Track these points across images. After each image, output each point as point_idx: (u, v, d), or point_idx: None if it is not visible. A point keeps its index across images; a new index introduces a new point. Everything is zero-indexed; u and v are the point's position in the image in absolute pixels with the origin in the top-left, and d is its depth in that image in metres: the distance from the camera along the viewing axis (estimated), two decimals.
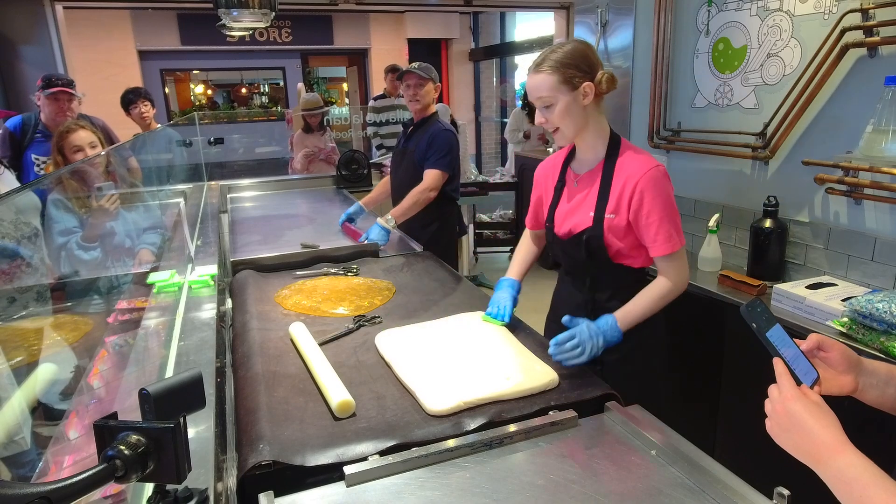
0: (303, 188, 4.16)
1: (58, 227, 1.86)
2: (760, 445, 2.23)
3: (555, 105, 1.48)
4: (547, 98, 1.48)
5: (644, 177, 1.49)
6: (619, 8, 3.02)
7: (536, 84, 1.49)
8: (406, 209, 2.60)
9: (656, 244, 1.51)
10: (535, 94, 1.50)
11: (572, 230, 1.61)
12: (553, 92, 1.47)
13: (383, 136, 5.49)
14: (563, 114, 1.49)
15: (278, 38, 8.80)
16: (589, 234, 1.56)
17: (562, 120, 1.50)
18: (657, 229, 1.49)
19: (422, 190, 2.62)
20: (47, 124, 3.02)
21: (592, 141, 1.58)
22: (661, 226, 1.49)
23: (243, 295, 1.90)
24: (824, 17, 2.08)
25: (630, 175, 1.51)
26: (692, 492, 1.00)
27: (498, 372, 1.33)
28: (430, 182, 2.62)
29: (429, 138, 2.68)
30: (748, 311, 0.90)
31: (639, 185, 1.49)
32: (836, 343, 0.93)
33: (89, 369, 1.31)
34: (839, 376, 0.92)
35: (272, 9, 2.62)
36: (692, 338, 2.37)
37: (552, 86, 1.47)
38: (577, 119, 1.51)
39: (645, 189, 1.48)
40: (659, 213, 1.49)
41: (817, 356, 0.93)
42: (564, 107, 1.48)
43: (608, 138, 1.58)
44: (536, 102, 1.52)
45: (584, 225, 1.57)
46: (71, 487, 0.62)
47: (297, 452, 1.06)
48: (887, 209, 1.96)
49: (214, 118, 9.45)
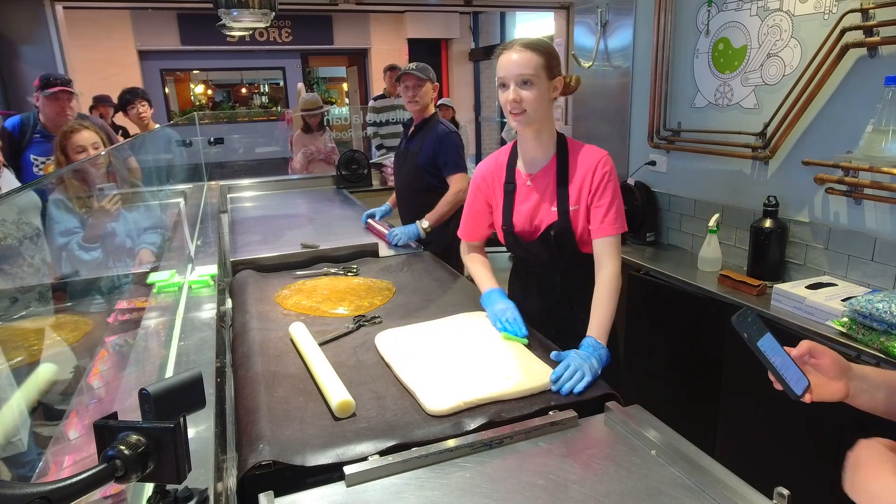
0: (303, 188, 4.16)
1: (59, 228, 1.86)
2: (760, 445, 2.23)
3: (534, 85, 1.50)
4: (529, 76, 1.49)
5: (601, 161, 1.58)
6: (619, 8, 3.02)
7: (523, 60, 1.49)
8: (441, 214, 2.64)
9: (605, 223, 1.56)
10: (517, 70, 1.49)
11: (538, 228, 1.64)
12: (538, 71, 1.50)
13: (383, 136, 5.49)
14: (539, 97, 1.52)
15: (278, 38, 8.81)
16: (557, 229, 1.61)
17: (534, 102, 1.52)
18: (608, 208, 1.56)
19: (453, 194, 2.66)
20: (46, 124, 3.02)
21: (546, 139, 1.63)
22: (612, 205, 1.57)
23: (243, 295, 1.90)
24: (824, 17, 2.08)
25: (587, 165, 1.59)
26: (692, 492, 1.00)
27: (498, 372, 1.33)
28: (458, 185, 2.68)
29: (435, 143, 2.72)
30: (739, 321, 0.90)
31: (597, 171, 1.57)
32: (827, 349, 0.93)
33: (89, 369, 1.31)
34: (830, 382, 0.92)
35: (272, 9, 2.62)
36: (692, 338, 2.37)
37: (538, 66, 1.50)
38: (544, 107, 1.56)
39: (603, 173, 1.57)
40: (611, 194, 1.57)
41: (808, 363, 0.93)
42: (542, 91, 1.52)
43: (556, 137, 1.64)
44: (513, 79, 1.51)
45: (549, 220, 1.62)
46: (71, 487, 0.62)
47: (297, 452, 1.06)
48: (887, 209, 1.96)
49: (214, 118, 9.45)
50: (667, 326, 2.51)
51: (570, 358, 1.35)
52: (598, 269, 1.58)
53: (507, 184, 1.69)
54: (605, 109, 3.19)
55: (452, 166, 2.71)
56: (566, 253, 1.65)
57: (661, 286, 2.47)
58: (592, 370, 1.33)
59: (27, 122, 3.05)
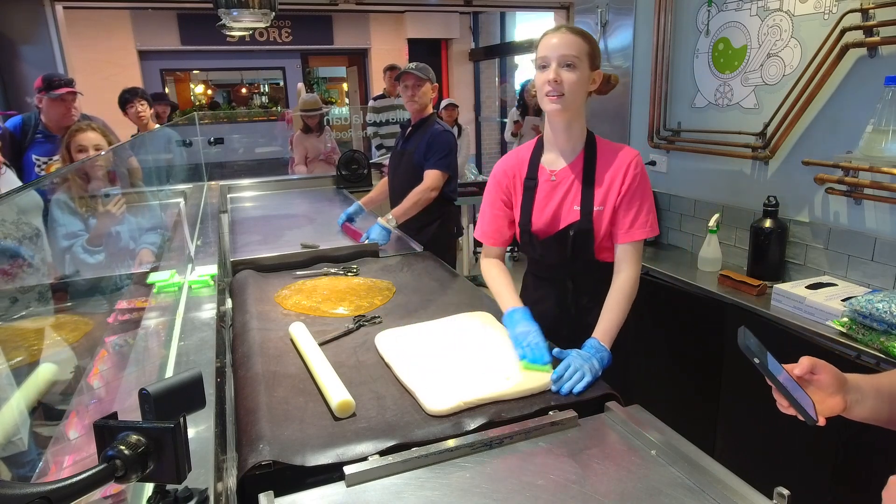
0: (303, 188, 4.16)
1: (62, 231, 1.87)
2: (760, 445, 2.23)
3: (576, 69, 1.44)
4: (573, 58, 1.43)
5: (633, 161, 1.51)
6: (619, 8, 3.02)
7: (569, 41, 1.44)
8: (407, 209, 2.61)
9: (634, 228, 1.51)
10: (562, 50, 1.43)
11: (555, 226, 1.57)
12: (582, 56, 1.45)
13: (383, 136, 5.50)
14: (579, 82, 1.45)
15: (278, 38, 8.80)
16: (576, 229, 1.53)
17: (574, 86, 1.45)
18: (638, 211, 1.51)
19: (422, 190, 2.62)
20: (48, 125, 3.03)
21: (576, 131, 1.56)
22: (642, 208, 1.51)
23: (243, 295, 1.90)
24: (824, 17, 2.08)
25: (618, 164, 1.52)
26: (692, 492, 1.00)
27: (498, 372, 1.33)
28: (431, 182, 2.63)
29: (428, 139, 2.68)
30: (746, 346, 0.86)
31: (630, 170, 1.51)
32: (826, 364, 0.91)
33: (89, 369, 1.31)
34: (828, 398, 0.91)
35: (272, 9, 2.62)
36: (692, 338, 2.37)
37: (583, 51, 1.45)
38: (582, 95, 1.49)
39: (636, 174, 1.51)
40: (643, 196, 1.51)
41: (809, 379, 0.91)
42: (583, 76, 1.46)
43: (586, 133, 1.58)
44: (556, 59, 1.44)
45: (570, 220, 1.54)
46: (71, 487, 0.62)
47: (297, 452, 1.06)
48: (887, 209, 1.96)
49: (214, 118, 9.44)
50: (667, 326, 2.51)
51: (572, 358, 1.34)
52: (617, 272, 1.53)
53: (528, 179, 1.61)
54: (605, 109, 3.19)
55: (434, 161, 2.64)
56: (581, 256, 1.57)
57: (662, 286, 2.47)
58: (593, 371, 1.31)
59: (28, 122, 3.05)
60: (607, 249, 1.57)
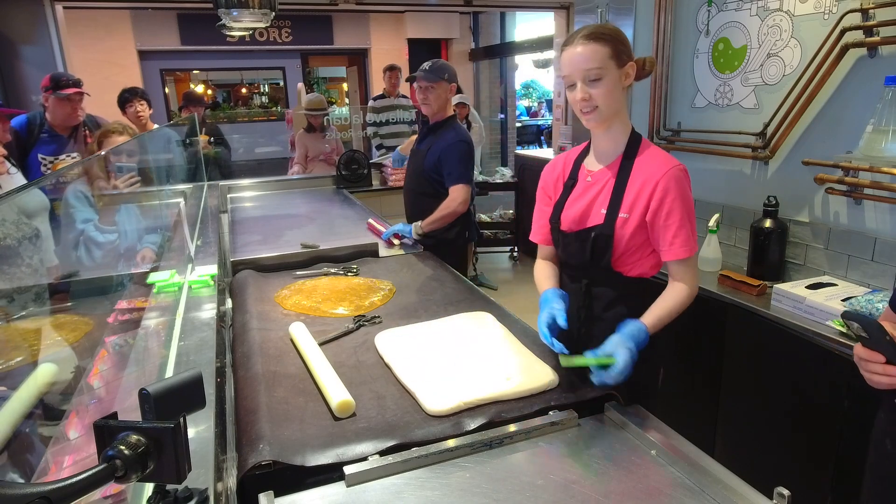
0: (303, 188, 4.16)
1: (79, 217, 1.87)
2: (760, 445, 2.23)
3: (603, 79, 1.36)
4: (597, 70, 1.35)
5: (666, 175, 1.40)
6: (619, 8, 3.02)
7: (587, 54, 1.35)
8: (433, 221, 2.60)
9: (673, 247, 1.43)
10: (583, 66, 1.36)
11: (579, 224, 1.52)
12: (605, 63, 1.35)
13: (383, 136, 5.49)
14: (609, 91, 1.37)
15: (278, 38, 8.80)
16: (597, 232, 1.47)
17: (606, 98, 1.37)
18: (676, 231, 1.40)
19: (451, 205, 2.60)
20: (54, 124, 3.03)
21: (617, 132, 1.47)
22: (680, 228, 1.41)
23: (243, 295, 1.90)
24: (824, 17, 2.08)
25: (651, 174, 1.42)
26: (692, 492, 1.00)
27: (498, 372, 1.33)
28: (459, 197, 2.60)
29: (442, 150, 2.63)
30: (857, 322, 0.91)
31: (660, 184, 1.40)
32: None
33: (89, 369, 1.31)
34: None
35: (272, 9, 2.63)
36: (692, 338, 2.37)
37: (604, 57, 1.35)
38: (618, 99, 1.41)
39: (668, 188, 1.39)
40: (679, 214, 1.40)
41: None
42: (612, 83, 1.37)
43: (629, 132, 1.49)
44: (581, 75, 1.37)
45: (594, 222, 1.49)
46: (71, 487, 0.62)
47: (297, 452, 1.06)
48: (887, 209, 1.96)
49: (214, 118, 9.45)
50: (666, 326, 2.50)
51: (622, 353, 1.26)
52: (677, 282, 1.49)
53: (569, 179, 1.57)
54: None
55: (456, 177, 2.62)
56: (599, 262, 1.49)
57: (661, 286, 2.47)
58: (633, 357, 1.27)
59: (34, 121, 3.06)
60: (630, 263, 1.50)
